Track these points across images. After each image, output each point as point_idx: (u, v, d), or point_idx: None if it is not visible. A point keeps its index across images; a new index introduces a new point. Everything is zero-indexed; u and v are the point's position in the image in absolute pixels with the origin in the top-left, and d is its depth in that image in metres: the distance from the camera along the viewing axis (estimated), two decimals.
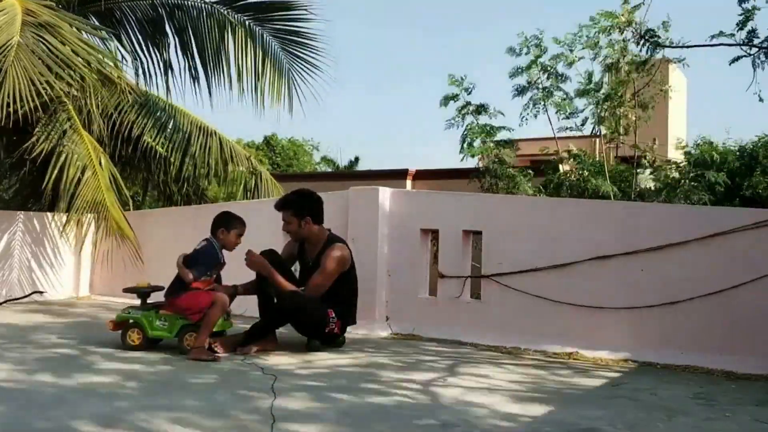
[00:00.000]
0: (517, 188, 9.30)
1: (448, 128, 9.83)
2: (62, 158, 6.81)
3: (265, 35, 8.72)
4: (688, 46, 5.88)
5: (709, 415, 3.24)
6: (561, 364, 4.43)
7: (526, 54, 9.48)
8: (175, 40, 8.80)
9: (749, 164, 12.29)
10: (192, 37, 8.74)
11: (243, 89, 8.64)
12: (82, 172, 6.80)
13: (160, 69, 8.87)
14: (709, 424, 3.09)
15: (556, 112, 9.65)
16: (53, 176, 6.75)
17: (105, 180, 6.87)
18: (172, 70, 8.83)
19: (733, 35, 5.62)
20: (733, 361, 4.25)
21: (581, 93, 9.45)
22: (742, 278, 4.33)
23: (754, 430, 3.07)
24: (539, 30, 9.55)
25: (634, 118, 9.31)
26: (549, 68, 9.47)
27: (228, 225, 4.50)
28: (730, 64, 5.73)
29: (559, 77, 9.54)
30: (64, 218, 7.20)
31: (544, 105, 9.57)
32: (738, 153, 12.91)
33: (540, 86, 9.55)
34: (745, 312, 4.35)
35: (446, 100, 9.76)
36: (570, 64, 9.46)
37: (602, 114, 9.19)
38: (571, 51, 9.38)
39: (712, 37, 5.80)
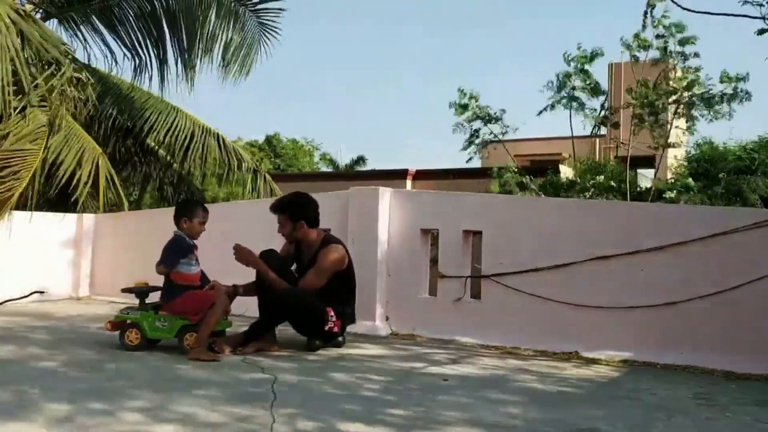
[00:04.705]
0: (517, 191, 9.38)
1: (456, 131, 10.01)
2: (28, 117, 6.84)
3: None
4: (712, 13, 5.47)
5: (709, 415, 3.24)
6: (561, 364, 4.42)
7: (573, 61, 9.53)
8: (169, 32, 8.91)
9: (750, 165, 12.29)
10: (183, 24, 8.86)
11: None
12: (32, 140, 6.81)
13: (157, 64, 8.97)
14: (709, 424, 3.09)
15: (585, 120, 9.69)
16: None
17: (37, 163, 6.83)
18: (167, 63, 8.95)
19: (761, 5, 5.26)
20: (733, 361, 4.24)
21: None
22: (742, 278, 4.32)
23: (754, 430, 3.07)
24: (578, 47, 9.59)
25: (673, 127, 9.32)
26: (590, 82, 9.51)
27: (189, 213, 4.47)
28: (758, 35, 5.44)
29: (596, 91, 9.56)
30: (61, 216, 7.23)
31: (572, 110, 9.61)
32: (739, 153, 12.91)
33: (575, 96, 9.60)
34: (745, 312, 4.35)
35: (460, 108, 9.88)
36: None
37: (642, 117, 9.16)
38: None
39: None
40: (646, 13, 8.26)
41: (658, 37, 9.09)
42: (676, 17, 8.89)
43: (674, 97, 8.92)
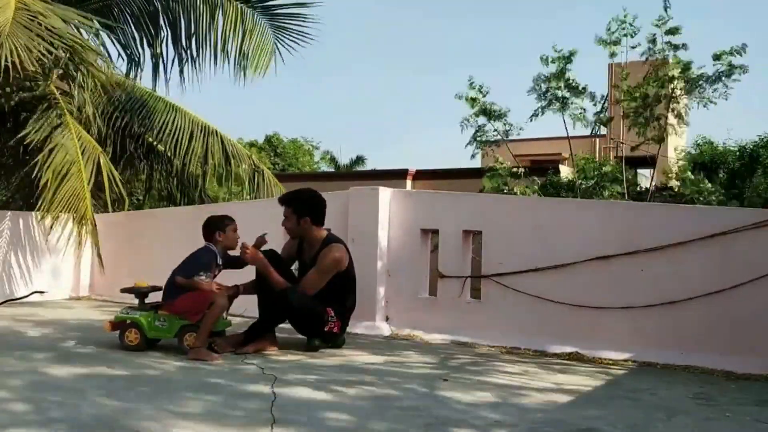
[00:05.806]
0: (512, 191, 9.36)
1: (463, 128, 10.02)
2: (50, 148, 6.80)
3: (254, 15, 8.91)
4: None
5: (709, 415, 3.24)
6: (561, 364, 4.42)
7: (553, 63, 9.47)
8: (168, 32, 8.86)
9: (750, 165, 12.29)
10: (183, 26, 8.81)
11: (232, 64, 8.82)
12: (68, 168, 6.78)
13: (155, 63, 8.94)
14: (709, 424, 3.09)
15: (573, 121, 9.64)
16: (44, 165, 6.71)
17: (85, 182, 6.82)
18: (164, 62, 8.92)
19: None
20: (733, 361, 4.25)
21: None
22: (742, 278, 4.33)
23: (754, 430, 3.07)
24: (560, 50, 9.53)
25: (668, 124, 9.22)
26: (570, 80, 9.44)
27: (221, 226, 4.51)
28: None
29: (578, 91, 9.49)
30: (66, 217, 7.21)
31: (562, 113, 9.56)
32: (738, 153, 12.93)
33: (559, 96, 9.53)
34: (744, 312, 4.35)
35: (470, 101, 9.85)
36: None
37: (636, 119, 9.07)
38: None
39: None
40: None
41: (633, 34, 9.09)
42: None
43: (670, 86, 8.83)
